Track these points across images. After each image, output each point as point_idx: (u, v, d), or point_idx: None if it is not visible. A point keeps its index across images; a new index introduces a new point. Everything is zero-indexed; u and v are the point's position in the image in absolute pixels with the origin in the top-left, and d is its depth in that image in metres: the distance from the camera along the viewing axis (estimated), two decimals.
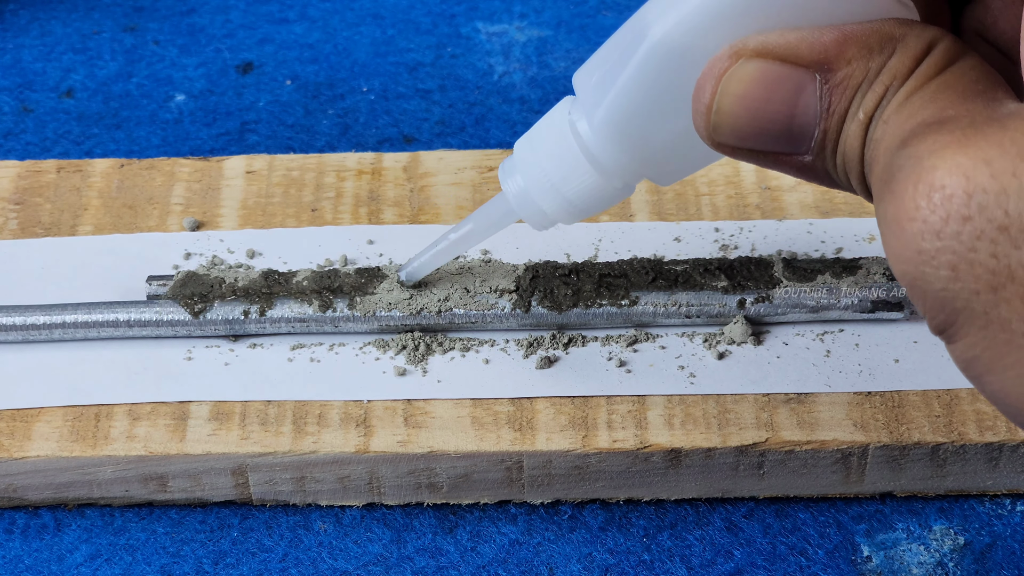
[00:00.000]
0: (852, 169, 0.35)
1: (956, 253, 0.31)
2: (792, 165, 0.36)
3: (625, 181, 0.41)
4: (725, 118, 0.35)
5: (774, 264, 0.49)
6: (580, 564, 0.46)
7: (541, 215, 0.43)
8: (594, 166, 0.41)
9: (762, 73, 0.35)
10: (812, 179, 0.36)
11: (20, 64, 0.63)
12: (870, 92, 0.34)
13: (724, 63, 0.35)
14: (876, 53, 0.34)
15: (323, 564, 0.46)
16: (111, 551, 0.46)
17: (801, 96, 0.34)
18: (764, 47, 0.35)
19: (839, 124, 0.34)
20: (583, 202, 0.42)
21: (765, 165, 0.36)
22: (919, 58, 0.33)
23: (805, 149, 0.35)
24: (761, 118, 0.35)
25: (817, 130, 0.35)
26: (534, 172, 0.42)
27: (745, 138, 0.36)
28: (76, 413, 0.47)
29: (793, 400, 0.46)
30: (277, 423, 0.46)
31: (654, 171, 0.40)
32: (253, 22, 0.65)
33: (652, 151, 0.39)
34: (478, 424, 0.46)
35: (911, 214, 0.31)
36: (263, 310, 0.48)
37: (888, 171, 0.32)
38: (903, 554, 0.46)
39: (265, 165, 0.54)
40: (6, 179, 0.54)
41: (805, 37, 0.34)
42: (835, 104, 0.34)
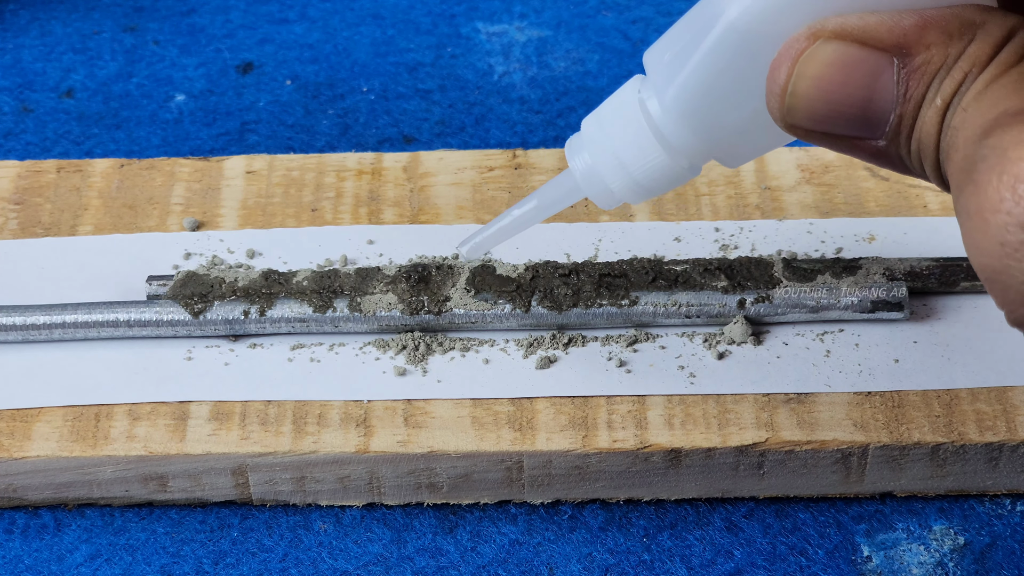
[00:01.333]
0: (927, 156, 0.34)
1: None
2: (865, 150, 0.35)
3: (692, 162, 0.41)
4: (800, 100, 0.35)
5: (774, 264, 0.49)
6: (580, 564, 0.46)
7: (607, 193, 0.42)
8: (663, 146, 0.40)
9: (840, 55, 0.34)
10: (885, 164, 0.36)
11: (20, 64, 0.63)
12: (948, 78, 0.33)
13: (801, 44, 0.35)
14: (956, 39, 0.33)
15: (323, 564, 0.46)
16: (111, 551, 0.46)
17: (878, 80, 0.34)
18: (843, 29, 0.34)
19: (915, 110, 0.34)
20: (650, 181, 0.41)
21: (837, 149, 0.36)
22: (999, 45, 0.33)
23: (880, 134, 0.35)
24: (837, 101, 0.35)
25: (893, 115, 0.34)
26: (602, 150, 0.42)
27: (819, 121, 0.35)
28: (76, 413, 0.47)
29: (793, 400, 0.46)
30: (277, 423, 0.46)
31: (723, 152, 0.40)
32: (253, 22, 0.65)
33: (722, 132, 0.39)
34: (478, 424, 0.46)
35: (995, 206, 0.31)
36: (263, 310, 0.48)
37: (969, 161, 0.32)
38: (903, 554, 0.46)
39: (265, 165, 0.54)
40: (6, 179, 0.54)
41: (884, 21, 0.34)
42: (912, 89, 0.34)
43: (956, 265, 0.49)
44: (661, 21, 0.64)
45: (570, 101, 0.61)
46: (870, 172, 0.53)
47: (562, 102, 0.61)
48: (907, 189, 0.53)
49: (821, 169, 0.54)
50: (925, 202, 0.52)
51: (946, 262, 0.49)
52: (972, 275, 0.49)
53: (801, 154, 0.54)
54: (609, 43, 0.63)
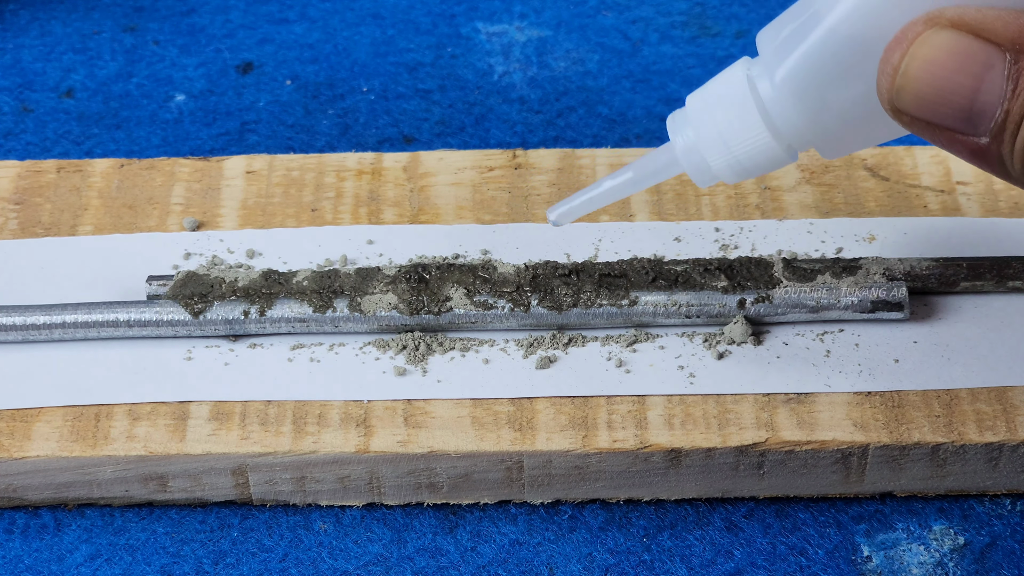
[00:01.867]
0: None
1: None
2: (967, 146, 0.36)
3: (793, 145, 0.41)
4: (909, 83, 0.35)
5: (774, 264, 0.49)
6: (580, 564, 0.46)
7: (706, 170, 0.42)
8: (768, 126, 0.41)
9: (954, 43, 0.35)
10: (983, 165, 0.36)
11: (20, 64, 0.63)
12: None
13: (918, 28, 0.35)
14: None
15: (323, 564, 0.46)
16: (111, 551, 0.46)
17: (988, 73, 0.34)
18: (960, 18, 0.35)
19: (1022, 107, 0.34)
20: (750, 161, 0.41)
21: (939, 143, 0.36)
22: None
23: (983, 130, 0.35)
24: (945, 88, 0.35)
25: (999, 111, 0.34)
26: (707, 125, 0.42)
27: (925, 107, 0.35)
28: (76, 413, 0.47)
29: (793, 400, 0.46)
30: (277, 423, 0.46)
31: (825, 139, 0.40)
32: (253, 22, 0.65)
33: (828, 116, 0.39)
34: (478, 424, 0.46)
35: None
36: (263, 310, 0.48)
37: None
38: (903, 554, 0.46)
39: (265, 165, 0.54)
40: (6, 179, 0.54)
41: (1002, 16, 0.34)
42: (1022, 86, 0.34)
43: (956, 265, 0.49)
44: (661, 21, 0.64)
45: (570, 101, 0.61)
46: (870, 172, 0.53)
47: (562, 102, 0.61)
48: (907, 189, 0.53)
49: (821, 169, 0.54)
50: (925, 202, 0.52)
51: (946, 262, 0.49)
52: (972, 275, 0.49)
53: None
54: (609, 43, 0.63)
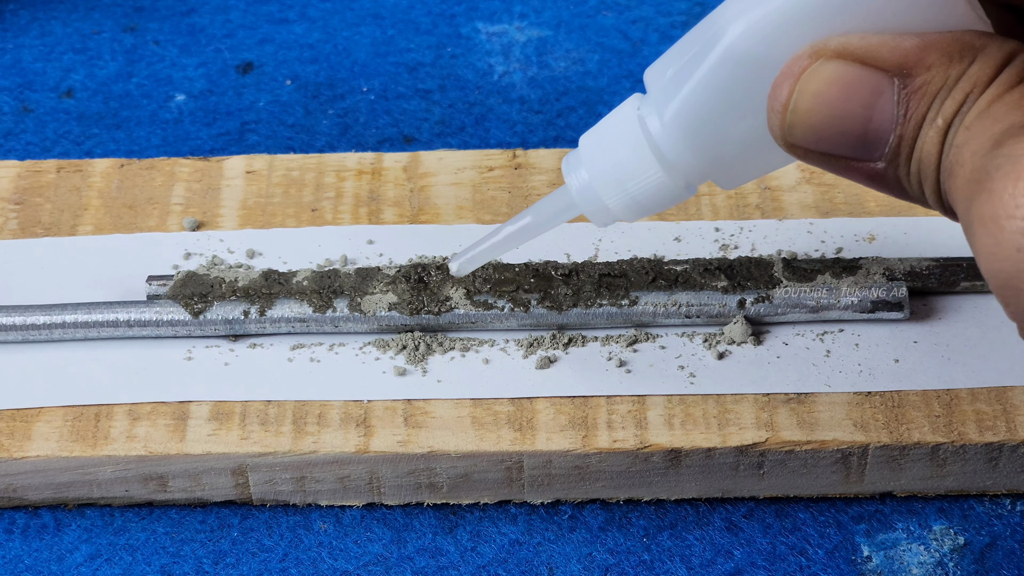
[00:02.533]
0: (927, 177, 0.34)
1: None
2: (864, 172, 0.36)
3: (689, 181, 0.41)
4: (801, 118, 0.35)
5: (774, 264, 0.49)
6: (580, 564, 0.46)
7: (604, 211, 0.42)
8: (661, 164, 0.40)
9: (841, 74, 0.35)
10: (883, 189, 0.36)
11: (20, 64, 0.63)
12: (949, 99, 0.34)
13: (804, 62, 0.35)
14: (956, 61, 0.34)
15: (323, 564, 0.46)
16: (111, 551, 0.46)
17: (879, 100, 0.34)
18: (845, 48, 0.35)
19: (915, 130, 0.34)
20: (647, 200, 0.41)
21: (836, 171, 0.36)
22: (999, 67, 0.33)
23: (879, 155, 0.35)
24: (837, 119, 0.35)
25: (893, 136, 0.35)
26: (600, 166, 0.42)
27: (819, 140, 0.35)
28: (76, 413, 0.47)
29: (793, 400, 0.46)
30: (277, 423, 0.46)
31: (720, 172, 0.40)
32: (253, 22, 0.65)
33: (721, 151, 0.39)
34: (478, 424, 0.46)
35: (1011, 212, 0.31)
36: (263, 310, 0.48)
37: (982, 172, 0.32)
38: (903, 554, 0.46)
39: (265, 165, 0.54)
40: (6, 179, 0.54)
41: (886, 41, 0.34)
42: (913, 109, 0.34)
43: (956, 265, 0.49)
44: (661, 21, 0.64)
45: (570, 101, 0.61)
46: None
47: (562, 102, 0.61)
48: None
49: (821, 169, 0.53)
50: None
51: (946, 262, 0.49)
52: (972, 275, 0.49)
53: None
54: (609, 43, 0.63)
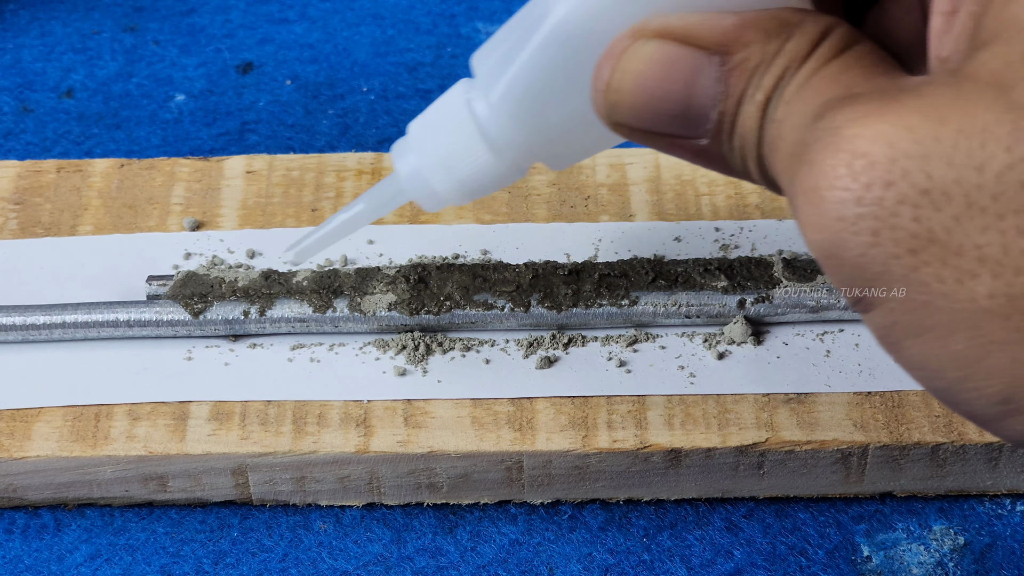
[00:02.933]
0: (749, 152, 0.35)
1: (878, 218, 0.31)
2: (688, 149, 0.36)
3: (518, 163, 0.41)
4: (623, 97, 0.36)
5: (774, 264, 0.49)
6: (580, 564, 0.46)
7: (433, 195, 0.42)
8: (489, 147, 0.40)
9: (661, 53, 0.35)
10: (708, 164, 0.36)
11: (20, 64, 0.63)
12: (768, 74, 0.34)
13: (625, 42, 0.35)
14: (774, 37, 0.34)
15: (323, 564, 0.46)
16: (111, 551, 0.46)
17: (699, 78, 0.35)
18: (664, 28, 0.35)
19: (736, 106, 0.35)
20: (475, 183, 0.41)
21: (662, 149, 0.37)
22: (816, 42, 0.34)
23: (702, 132, 0.36)
24: (658, 98, 0.35)
25: (714, 112, 0.35)
26: (427, 152, 0.42)
27: (642, 118, 0.36)
28: (76, 413, 0.47)
29: (793, 400, 0.47)
30: (277, 423, 0.46)
31: (549, 153, 0.40)
32: (253, 22, 0.65)
33: (548, 132, 0.39)
34: (478, 424, 0.46)
35: (830, 182, 0.31)
36: (263, 310, 0.48)
37: (801, 145, 0.33)
38: (903, 554, 0.46)
39: (265, 165, 0.54)
40: (6, 179, 0.54)
41: (705, 20, 0.35)
42: (733, 86, 0.35)
43: None
44: None
45: None
46: None
47: None
48: None
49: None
50: None
51: None
52: None
53: None
54: None
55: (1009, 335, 0.30)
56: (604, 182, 0.53)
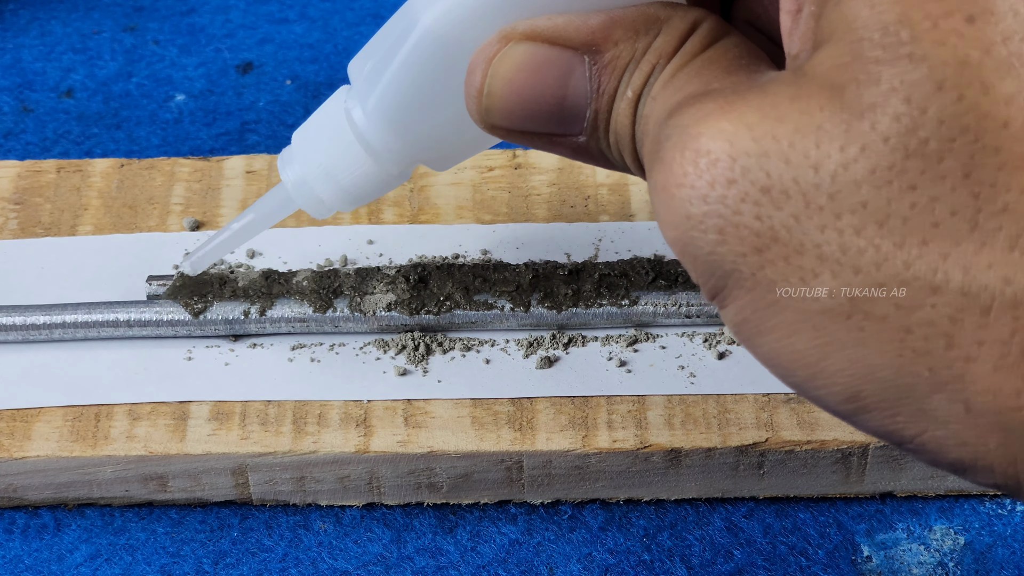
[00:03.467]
0: (624, 147, 0.35)
1: (722, 216, 0.31)
2: (567, 146, 0.37)
3: (400, 167, 0.42)
4: (496, 100, 0.36)
5: None
6: (580, 564, 0.46)
7: (319, 203, 0.43)
8: (369, 153, 0.41)
9: (531, 56, 0.35)
10: (588, 160, 0.37)
11: (20, 64, 0.63)
12: (637, 71, 0.34)
13: (494, 47, 0.36)
14: (642, 34, 0.35)
15: (323, 564, 0.46)
16: (111, 551, 0.46)
17: (571, 78, 0.35)
18: (533, 30, 0.35)
19: (609, 104, 0.35)
20: (358, 189, 0.42)
21: (541, 147, 0.37)
22: (683, 37, 0.34)
23: (578, 130, 0.36)
24: (532, 99, 0.36)
25: (589, 110, 0.35)
26: (311, 161, 0.42)
27: (517, 120, 0.36)
28: (76, 413, 0.47)
29: (793, 400, 0.47)
30: (277, 423, 0.46)
31: (429, 156, 0.41)
32: (253, 22, 0.65)
33: (426, 137, 0.40)
34: (478, 424, 0.46)
35: (679, 180, 0.32)
36: (263, 310, 0.48)
37: (656, 142, 0.33)
38: (903, 554, 0.46)
39: (265, 165, 0.54)
40: (6, 179, 0.54)
41: (572, 20, 0.35)
42: (604, 84, 0.35)
43: None
44: None
45: None
46: None
47: None
48: None
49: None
50: None
51: None
52: None
53: None
54: None
55: (850, 334, 0.31)
56: (604, 182, 0.53)
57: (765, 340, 0.32)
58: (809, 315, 0.31)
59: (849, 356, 0.31)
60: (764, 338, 0.32)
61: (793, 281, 0.31)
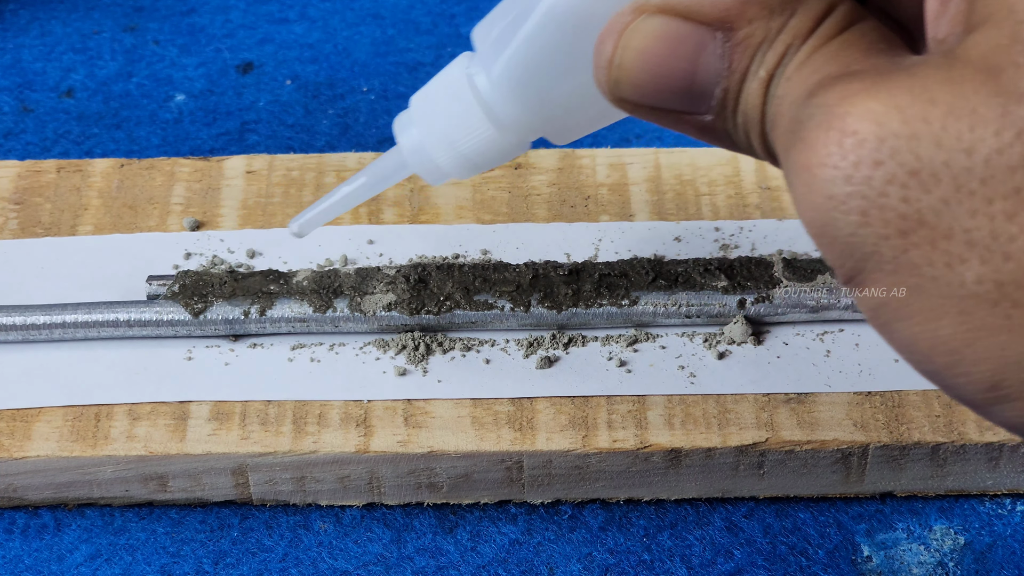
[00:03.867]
0: (753, 128, 0.35)
1: (867, 198, 0.31)
2: (693, 125, 0.36)
3: (520, 137, 0.41)
4: (626, 73, 0.35)
5: (774, 264, 0.49)
6: (580, 564, 0.46)
7: (436, 169, 0.42)
8: (491, 120, 0.40)
9: (664, 29, 0.35)
10: (713, 140, 0.36)
11: (20, 64, 0.63)
12: (771, 51, 0.34)
13: (626, 18, 0.35)
14: (777, 13, 0.34)
15: (323, 564, 0.46)
16: (111, 551, 0.46)
17: (702, 54, 0.35)
18: (667, 4, 0.35)
19: (740, 82, 0.34)
20: (478, 156, 0.41)
21: (666, 124, 0.36)
22: (819, 19, 0.34)
23: (705, 108, 0.35)
24: (662, 74, 0.35)
25: (718, 89, 0.35)
26: (430, 125, 0.42)
27: (645, 94, 0.36)
28: (76, 413, 0.47)
29: (793, 400, 0.47)
30: (277, 423, 0.46)
31: (551, 127, 0.40)
32: (253, 22, 0.65)
33: (550, 107, 0.39)
34: (478, 424, 0.46)
35: (822, 160, 0.31)
36: (263, 310, 0.48)
37: (796, 121, 0.33)
38: (903, 554, 0.46)
39: (265, 165, 0.54)
40: (6, 179, 0.54)
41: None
42: (736, 62, 0.34)
43: None
44: None
45: None
46: None
47: None
48: None
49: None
50: None
51: None
52: None
53: None
54: None
55: (997, 321, 0.30)
56: (604, 182, 0.53)
57: (904, 325, 0.31)
58: (954, 300, 0.30)
59: (994, 344, 0.30)
60: (903, 323, 0.31)
61: (939, 266, 0.30)
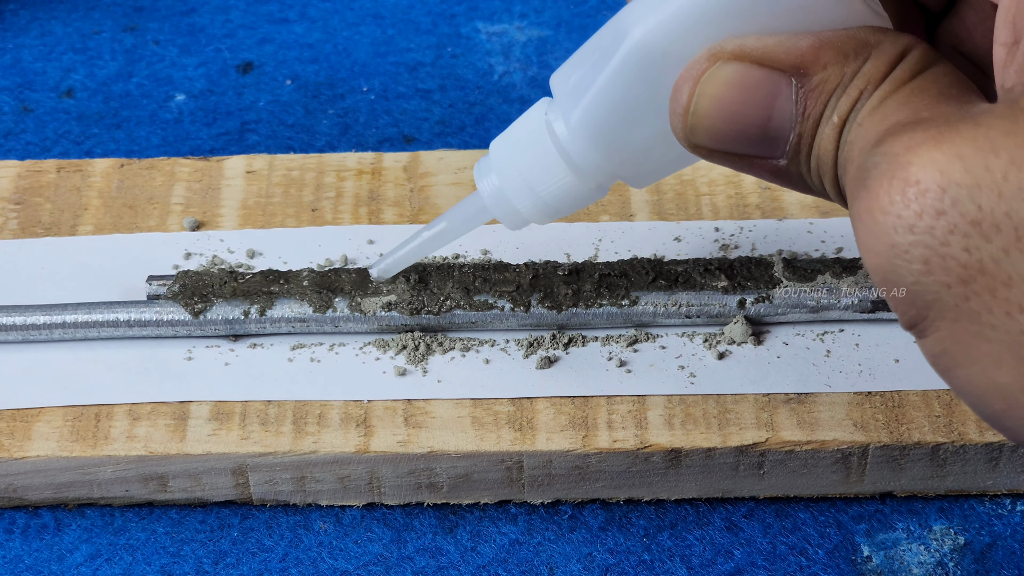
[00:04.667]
0: (826, 172, 0.35)
1: (929, 247, 0.31)
2: (767, 169, 0.36)
3: (600, 182, 0.41)
4: (702, 120, 0.36)
5: (774, 264, 0.49)
6: (580, 564, 0.46)
7: (515, 215, 0.43)
8: (570, 167, 0.41)
9: (739, 76, 0.35)
10: (786, 184, 0.37)
11: (20, 64, 0.63)
12: (844, 96, 0.34)
13: (702, 65, 0.35)
14: (851, 59, 0.34)
15: (323, 564, 0.46)
16: (111, 551, 0.46)
17: (777, 99, 0.35)
18: (742, 50, 0.35)
19: (814, 128, 0.35)
20: (557, 202, 0.42)
21: (740, 169, 0.37)
22: (893, 63, 0.34)
23: (780, 153, 0.36)
24: (737, 120, 0.35)
25: (792, 134, 0.35)
26: (509, 172, 0.42)
27: (721, 140, 0.36)
28: (76, 413, 0.47)
29: (793, 400, 0.47)
30: (277, 423, 0.46)
31: (630, 172, 0.40)
32: (253, 22, 0.65)
33: (628, 153, 0.39)
34: (478, 424, 0.46)
35: (885, 208, 0.31)
36: (263, 310, 0.48)
37: (863, 169, 0.33)
38: (903, 554, 0.46)
39: (265, 165, 0.54)
40: (6, 179, 0.54)
41: (782, 42, 0.35)
42: (810, 108, 0.35)
43: None
44: None
45: None
46: None
47: None
48: None
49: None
50: None
51: None
52: None
53: None
54: None
55: None
56: None
57: (965, 372, 0.32)
58: (1013, 348, 0.31)
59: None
60: (964, 370, 0.32)
61: (998, 314, 0.31)
